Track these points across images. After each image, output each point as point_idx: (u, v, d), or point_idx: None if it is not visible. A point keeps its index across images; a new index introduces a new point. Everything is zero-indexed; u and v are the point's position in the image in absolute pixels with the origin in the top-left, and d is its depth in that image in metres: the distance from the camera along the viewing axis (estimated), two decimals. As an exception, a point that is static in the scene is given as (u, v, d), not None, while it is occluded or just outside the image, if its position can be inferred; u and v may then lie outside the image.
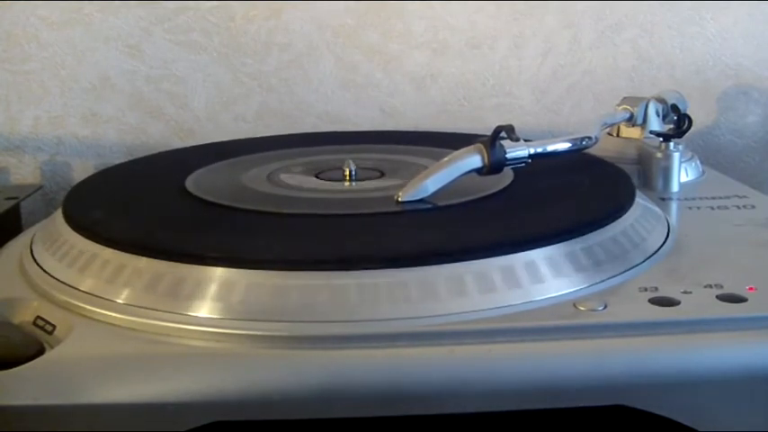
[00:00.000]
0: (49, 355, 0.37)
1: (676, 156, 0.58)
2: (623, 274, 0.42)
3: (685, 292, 0.40)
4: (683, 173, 0.60)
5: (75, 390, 0.34)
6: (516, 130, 0.49)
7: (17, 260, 0.47)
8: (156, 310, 0.38)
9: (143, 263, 0.41)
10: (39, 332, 0.40)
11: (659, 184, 0.58)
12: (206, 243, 0.42)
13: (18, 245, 0.50)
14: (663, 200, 0.56)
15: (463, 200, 0.49)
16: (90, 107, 0.77)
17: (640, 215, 0.48)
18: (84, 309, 0.39)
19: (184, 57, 0.76)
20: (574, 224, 0.44)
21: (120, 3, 0.75)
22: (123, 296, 0.40)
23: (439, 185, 0.49)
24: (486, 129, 0.51)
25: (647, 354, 0.36)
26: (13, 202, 0.63)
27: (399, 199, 0.48)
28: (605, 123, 0.61)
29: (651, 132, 0.61)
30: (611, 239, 0.44)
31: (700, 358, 0.36)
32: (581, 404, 0.36)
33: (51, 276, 0.43)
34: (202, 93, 0.77)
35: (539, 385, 0.35)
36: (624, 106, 0.64)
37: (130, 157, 0.73)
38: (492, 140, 0.49)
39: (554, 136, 0.55)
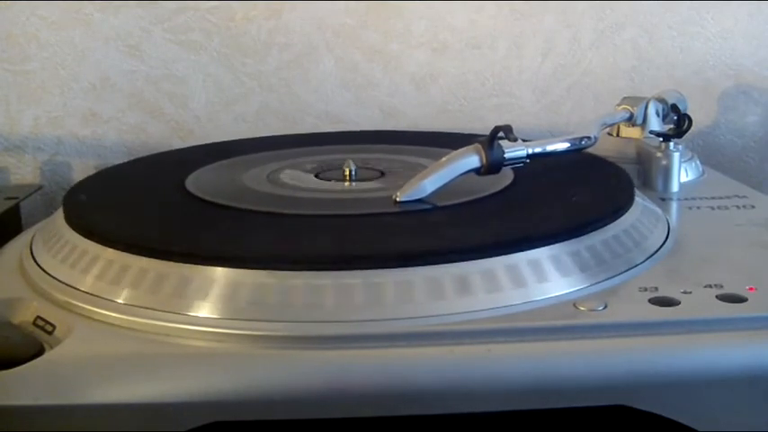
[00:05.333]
0: (48, 355, 0.37)
1: (676, 156, 0.58)
2: (623, 274, 0.42)
3: (685, 293, 0.40)
4: (682, 173, 0.59)
5: (74, 390, 0.34)
6: (516, 130, 0.49)
7: (17, 260, 0.47)
8: (156, 310, 0.38)
9: (143, 263, 0.41)
10: (39, 332, 0.40)
11: (659, 184, 0.58)
12: (206, 243, 0.42)
13: (18, 245, 0.50)
14: (663, 200, 0.56)
15: (462, 200, 0.49)
16: (90, 107, 0.77)
17: (640, 215, 0.48)
18: (84, 309, 0.39)
19: (184, 57, 0.76)
20: (573, 224, 0.44)
21: (120, 3, 0.75)
22: (123, 296, 0.40)
23: (437, 186, 0.49)
24: (486, 129, 0.51)
25: (647, 354, 0.36)
26: (13, 202, 0.63)
27: (397, 199, 0.48)
28: (605, 123, 0.60)
29: (651, 132, 0.61)
30: (611, 239, 0.44)
31: (700, 358, 0.36)
32: (581, 404, 0.36)
33: (51, 276, 0.43)
34: (202, 93, 0.77)
35: (539, 385, 0.35)
36: (624, 106, 0.64)
37: (130, 157, 0.73)
38: (490, 140, 0.49)
39: (554, 136, 0.55)
